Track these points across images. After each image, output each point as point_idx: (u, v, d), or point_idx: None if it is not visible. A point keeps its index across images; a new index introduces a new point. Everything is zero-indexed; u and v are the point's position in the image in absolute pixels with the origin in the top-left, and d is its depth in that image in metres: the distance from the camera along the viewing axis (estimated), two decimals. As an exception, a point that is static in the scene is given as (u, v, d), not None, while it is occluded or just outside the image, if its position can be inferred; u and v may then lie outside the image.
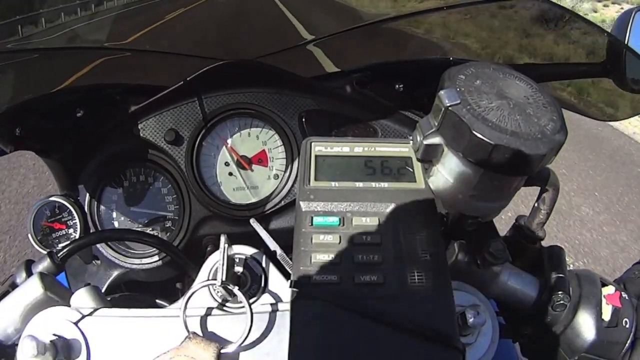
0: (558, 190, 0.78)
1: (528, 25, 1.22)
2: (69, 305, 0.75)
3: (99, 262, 1.22)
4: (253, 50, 1.25)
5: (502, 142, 0.59)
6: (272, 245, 0.81)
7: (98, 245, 1.20)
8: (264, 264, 0.81)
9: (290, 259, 0.74)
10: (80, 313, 0.72)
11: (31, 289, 0.77)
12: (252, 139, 1.25)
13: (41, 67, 1.22)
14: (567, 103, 1.21)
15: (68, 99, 1.19)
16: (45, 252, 0.88)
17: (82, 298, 0.77)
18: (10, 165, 4.69)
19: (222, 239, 0.76)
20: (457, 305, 0.67)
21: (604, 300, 0.80)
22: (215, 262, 0.80)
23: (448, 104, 0.63)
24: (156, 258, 1.21)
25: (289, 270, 0.79)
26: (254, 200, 1.24)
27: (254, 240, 0.85)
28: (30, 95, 1.09)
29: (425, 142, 0.68)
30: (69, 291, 0.80)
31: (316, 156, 0.76)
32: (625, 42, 1.05)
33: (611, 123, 7.18)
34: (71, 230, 1.17)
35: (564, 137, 0.63)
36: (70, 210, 1.16)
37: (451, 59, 1.23)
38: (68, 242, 1.10)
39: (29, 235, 1.14)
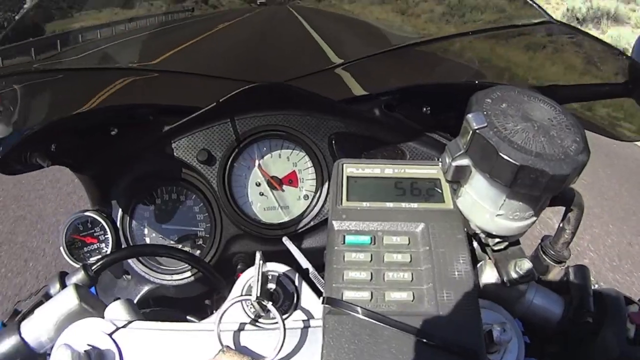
0: (583, 210, 0.79)
1: (550, 49, 1.23)
2: (103, 317, 0.76)
3: (129, 277, 1.24)
4: (283, 73, 1.26)
5: (527, 163, 0.61)
6: (304, 263, 0.82)
7: (129, 261, 1.23)
8: (296, 282, 0.82)
9: (322, 277, 0.74)
10: (115, 325, 0.74)
11: (66, 299, 0.78)
12: (283, 160, 1.27)
13: (74, 86, 1.24)
14: (591, 124, 1.20)
15: (103, 118, 1.22)
16: (77, 266, 0.90)
17: (117, 310, 0.78)
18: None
19: (258, 255, 0.77)
20: (484, 323, 0.68)
21: (628, 319, 0.80)
22: (248, 278, 0.81)
23: (475, 127, 0.65)
24: (187, 274, 1.23)
25: (320, 288, 0.80)
26: (284, 220, 1.26)
27: (283, 258, 0.86)
28: (64, 113, 1.12)
29: (454, 163, 0.70)
30: (103, 303, 0.81)
31: (348, 177, 0.78)
32: None
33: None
34: (103, 245, 1.19)
35: (586, 157, 0.64)
36: (102, 225, 1.18)
37: (477, 82, 1.24)
38: (100, 256, 1.12)
39: (61, 248, 1.16)
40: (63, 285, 0.86)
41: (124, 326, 0.74)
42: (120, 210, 1.24)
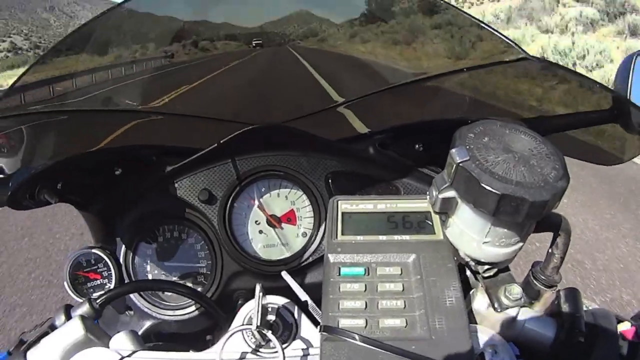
0: (570, 235, 0.81)
1: (538, 83, 1.27)
2: (108, 347, 0.78)
3: (132, 312, 1.26)
4: (282, 114, 1.31)
5: (508, 191, 0.64)
6: (303, 295, 0.85)
7: (132, 296, 1.25)
8: (295, 314, 0.85)
9: (320, 309, 0.77)
10: (120, 354, 0.76)
11: (72, 329, 0.80)
12: (282, 199, 1.31)
13: (80, 127, 1.28)
14: (573, 151, 1.23)
15: (107, 158, 1.26)
16: (81, 301, 0.92)
17: (122, 341, 0.80)
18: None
19: (258, 287, 0.80)
20: (477, 348, 0.70)
21: (620, 337, 0.82)
22: (249, 310, 0.84)
23: (459, 161, 0.69)
24: (189, 310, 1.25)
25: (318, 319, 0.82)
26: (284, 256, 1.29)
27: (284, 293, 0.89)
28: (71, 153, 1.16)
29: (441, 196, 0.74)
30: (108, 335, 0.83)
31: (343, 213, 0.82)
32: (629, 86, 1.09)
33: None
34: (106, 281, 1.21)
35: (566, 183, 0.67)
36: (106, 261, 1.20)
37: (469, 121, 1.29)
38: (103, 291, 1.14)
39: (65, 284, 1.18)
40: (68, 317, 0.88)
41: (128, 356, 0.76)
42: (123, 247, 1.27)
